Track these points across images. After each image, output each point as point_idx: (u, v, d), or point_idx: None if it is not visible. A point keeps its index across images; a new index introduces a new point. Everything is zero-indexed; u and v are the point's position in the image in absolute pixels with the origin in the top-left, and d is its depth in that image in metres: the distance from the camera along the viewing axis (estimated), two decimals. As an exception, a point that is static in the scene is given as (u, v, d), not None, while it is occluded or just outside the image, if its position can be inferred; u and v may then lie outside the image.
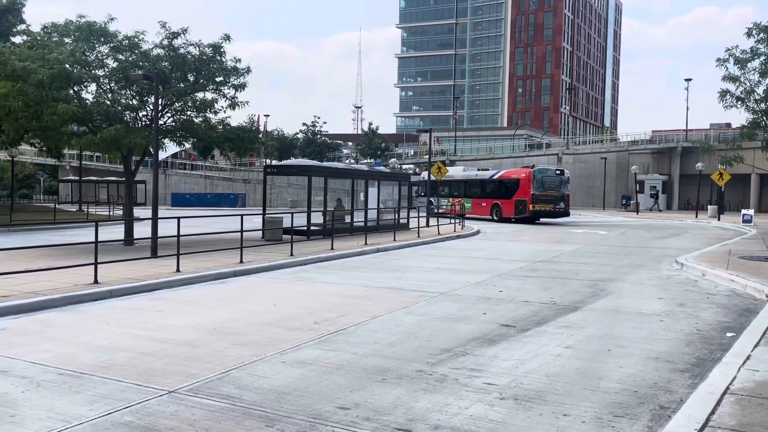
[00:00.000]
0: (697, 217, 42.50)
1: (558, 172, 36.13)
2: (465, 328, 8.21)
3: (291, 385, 5.79)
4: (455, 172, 41.11)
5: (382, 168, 37.51)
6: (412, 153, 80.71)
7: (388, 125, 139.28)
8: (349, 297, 10.54)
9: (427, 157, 38.74)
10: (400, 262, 15.77)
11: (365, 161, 75.23)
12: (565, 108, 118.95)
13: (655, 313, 9.40)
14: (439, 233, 23.99)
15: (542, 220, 35.19)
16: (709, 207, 44.36)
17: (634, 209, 50.79)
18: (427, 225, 27.49)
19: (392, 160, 61.96)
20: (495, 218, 35.36)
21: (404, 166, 70.18)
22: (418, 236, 22.55)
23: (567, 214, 35.41)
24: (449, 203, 37.67)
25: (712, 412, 4.93)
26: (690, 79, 60.55)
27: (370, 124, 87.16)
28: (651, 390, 5.76)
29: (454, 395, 5.53)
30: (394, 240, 20.71)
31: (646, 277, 13.57)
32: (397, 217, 25.04)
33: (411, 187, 37.06)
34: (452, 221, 27.83)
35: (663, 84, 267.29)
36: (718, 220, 38.33)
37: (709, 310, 9.77)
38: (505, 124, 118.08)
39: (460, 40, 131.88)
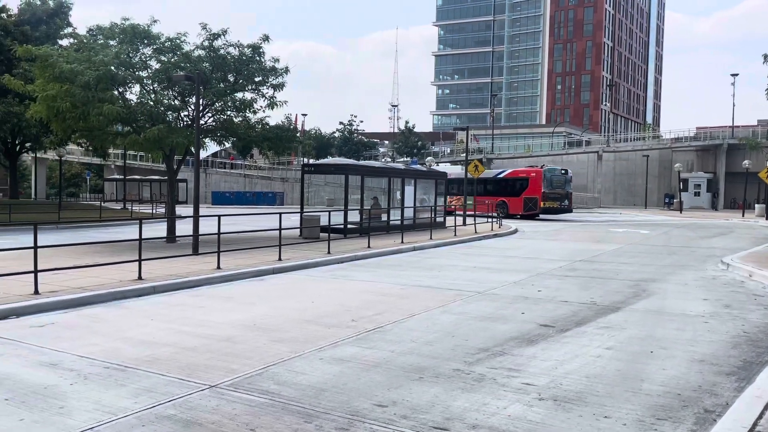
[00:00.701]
0: (743, 216, 41.23)
1: (563, 171, 38.48)
2: (503, 328, 8.15)
3: (329, 381, 5.85)
4: (452, 170, 42.47)
5: (418, 166, 37.51)
6: (448, 151, 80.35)
7: (424, 123, 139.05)
8: (385, 295, 10.57)
9: (464, 155, 38.54)
10: (436, 261, 15.73)
11: (401, 160, 75.22)
12: (605, 105, 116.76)
13: (700, 315, 9.16)
14: (476, 232, 23.84)
15: (543, 216, 36.89)
16: (756, 206, 42.99)
17: (677, 208, 49.55)
18: (464, 224, 27.35)
19: (428, 158, 61.77)
20: (499, 214, 35.57)
21: (441, 165, 69.97)
22: (455, 235, 22.45)
23: (570, 211, 38.25)
24: (447, 202, 38.55)
25: (760, 416, 4.79)
26: (737, 74, 58.81)
27: (407, 122, 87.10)
28: (695, 393, 5.62)
29: (491, 395, 5.50)
30: (431, 238, 20.68)
31: (691, 277, 13.23)
32: (433, 215, 24.97)
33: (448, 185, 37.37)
34: (489, 220, 27.61)
35: (708, 79, 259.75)
36: (766, 219, 37.09)
37: (756, 311, 9.48)
38: (544, 122, 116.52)
39: (498, 37, 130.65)
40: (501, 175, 39.08)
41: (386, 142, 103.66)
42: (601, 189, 60.95)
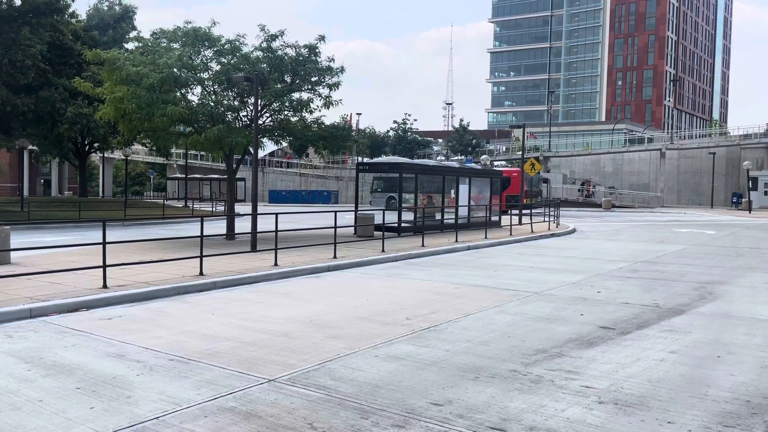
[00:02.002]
0: (819, 216, 39.05)
1: (539, 172, 43.97)
2: (561, 329, 8.00)
3: (384, 378, 5.88)
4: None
5: (473, 165, 37.41)
6: (504, 149, 79.29)
7: (479, 121, 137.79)
8: (440, 294, 10.54)
9: (520, 153, 38.07)
10: (491, 260, 15.57)
11: (456, 158, 74.76)
12: (669, 100, 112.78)
13: (771, 320, 8.74)
14: (532, 231, 23.47)
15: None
16: (833, 206, 40.61)
17: (745, 208, 47.39)
18: (520, 223, 26.97)
19: (483, 156, 61.24)
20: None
21: (496, 163, 69.16)
22: (511, 234, 22.16)
23: (541, 206, 41.90)
24: (422, 198, 41.78)
25: (838, 429, 4.54)
26: (812, 67, 55.63)
27: (461, 120, 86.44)
28: (765, 400, 5.37)
29: (549, 397, 5.41)
30: (486, 238, 20.47)
31: (760, 280, 12.63)
32: (488, 214, 24.73)
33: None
34: (545, 219, 27.12)
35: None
36: None
37: (834, 317, 8.96)
38: (603, 119, 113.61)
39: (556, 33, 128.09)
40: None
41: (440, 140, 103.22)
42: (664, 188, 58.92)
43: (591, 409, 5.13)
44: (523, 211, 37.94)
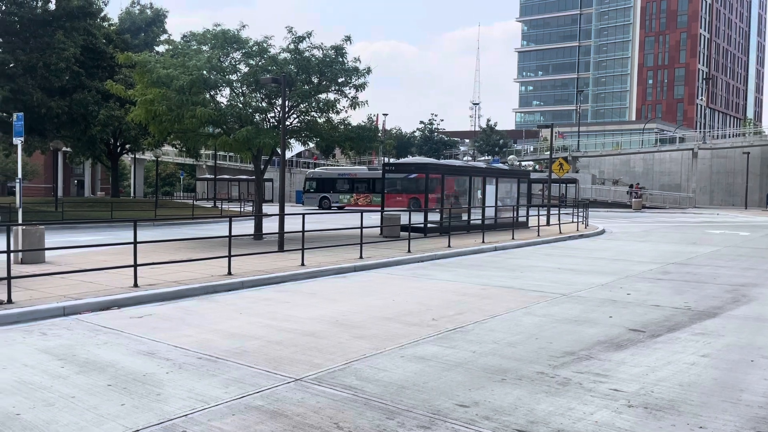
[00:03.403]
0: None
1: None
2: (589, 331, 7.90)
3: (410, 379, 5.88)
4: (329, 171, 49.25)
5: (500, 165, 37.13)
6: (531, 149, 78.65)
7: (506, 121, 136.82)
8: (466, 295, 10.49)
9: (548, 153, 37.67)
10: (518, 261, 15.44)
11: (482, 158, 74.37)
12: (701, 99, 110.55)
13: (808, 324, 8.51)
14: (560, 232, 23.22)
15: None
16: None
17: (781, 208, 46.19)
18: (548, 224, 26.70)
19: (511, 156, 60.82)
20: (413, 209, 41.85)
21: (523, 163, 68.59)
22: (538, 235, 21.96)
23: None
24: (351, 198, 44.67)
25: None
26: None
27: (488, 120, 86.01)
28: (803, 407, 5.23)
29: (577, 400, 5.35)
30: (513, 238, 20.32)
31: (797, 283, 12.30)
32: (515, 215, 24.54)
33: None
34: (574, 220, 26.81)
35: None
36: None
37: None
38: (634, 118, 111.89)
39: (585, 31, 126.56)
40: (413, 175, 44.41)
41: (467, 140, 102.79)
42: (696, 188, 57.77)
43: (620, 412, 5.06)
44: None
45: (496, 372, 6.12)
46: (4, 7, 28.65)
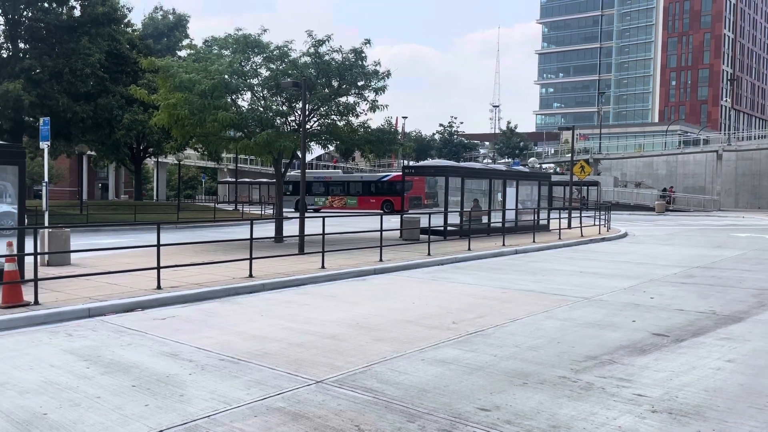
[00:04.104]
0: None
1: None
2: (612, 336, 7.81)
3: (431, 382, 5.87)
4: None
5: (520, 167, 36.95)
6: (552, 152, 78.08)
7: (526, 124, 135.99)
8: (486, 298, 10.45)
9: (569, 155, 37.41)
10: (539, 265, 15.34)
11: (503, 161, 74.02)
12: (726, 101, 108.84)
13: (838, 329, 8.32)
14: (582, 235, 23.02)
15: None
16: None
17: (809, 211, 45.26)
18: (569, 227, 26.46)
19: (531, 159, 60.42)
20: (386, 211, 42.99)
21: (544, 166, 68.12)
22: (559, 238, 21.79)
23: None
24: (327, 201, 46.85)
25: None
26: None
27: (508, 122, 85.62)
28: (833, 414, 5.12)
29: (600, 404, 5.29)
30: (534, 241, 20.19)
31: (826, 287, 12.04)
32: (536, 217, 24.37)
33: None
34: (596, 223, 26.54)
35: None
36: None
37: None
38: (656, 120, 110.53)
39: (606, 33, 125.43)
40: (386, 178, 46.33)
41: (487, 143, 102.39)
42: (721, 191, 56.86)
43: (644, 417, 5.00)
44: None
45: (517, 376, 6.09)
46: (30, 14, 29.24)
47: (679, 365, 6.50)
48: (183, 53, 41.37)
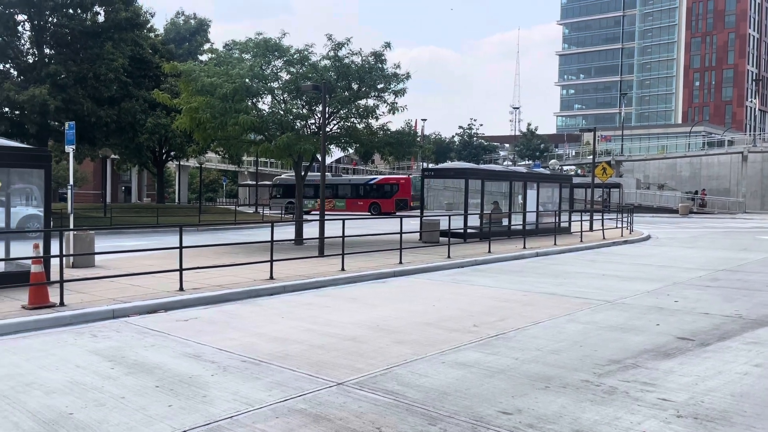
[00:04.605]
0: None
1: (420, 178, 55.47)
2: (635, 339, 7.72)
3: (452, 385, 5.84)
4: (294, 177, 53.33)
5: (541, 170, 36.73)
6: (573, 154, 77.43)
7: (547, 125, 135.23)
8: (507, 301, 10.39)
9: (590, 157, 37.07)
10: (561, 268, 15.21)
11: (523, 163, 73.58)
12: (751, 101, 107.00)
13: None
14: (604, 238, 22.78)
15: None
16: None
17: (838, 213, 44.28)
18: (591, 229, 26.20)
19: (552, 161, 59.95)
20: (373, 213, 45.03)
21: (565, 168, 67.58)
22: (581, 241, 21.58)
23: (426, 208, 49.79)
24: (316, 203, 47.84)
25: None
26: None
27: (529, 124, 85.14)
28: None
29: (624, 409, 5.23)
30: (555, 244, 20.03)
31: None
32: (557, 220, 24.17)
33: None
34: (618, 226, 26.25)
35: None
36: None
37: None
38: (680, 121, 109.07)
39: (628, 33, 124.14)
40: (373, 182, 47.76)
41: (507, 145, 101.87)
42: (746, 193, 55.89)
43: (669, 422, 4.92)
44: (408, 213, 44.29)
45: (539, 379, 6.04)
46: (56, 20, 29.76)
47: (705, 370, 6.40)
48: (204, 57, 41.73)
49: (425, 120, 71.64)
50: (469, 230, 21.05)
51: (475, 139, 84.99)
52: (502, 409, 5.22)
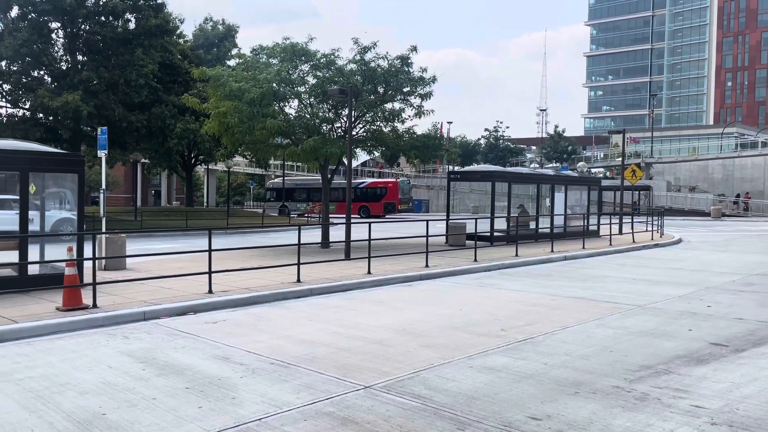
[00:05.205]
0: None
1: (408, 181, 53.67)
2: (667, 345, 7.58)
3: (480, 390, 5.81)
4: (287, 181, 53.19)
5: (569, 172, 36.34)
6: (601, 156, 76.37)
7: (575, 127, 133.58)
8: (535, 305, 10.29)
9: (619, 159, 36.55)
10: (590, 271, 15.01)
11: (550, 165, 72.85)
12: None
13: None
14: (634, 241, 22.43)
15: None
16: None
17: None
18: (620, 232, 25.84)
19: (580, 163, 59.29)
20: (362, 216, 45.36)
21: (593, 170, 66.74)
22: (610, 244, 21.29)
23: (413, 210, 52.09)
24: (308, 206, 48.73)
25: None
26: None
27: (556, 126, 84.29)
28: None
29: (656, 416, 5.14)
30: (583, 248, 19.78)
31: None
32: (586, 223, 23.87)
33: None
34: (648, 229, 25.82)
35: None
36: None
37: None
38: (711, 122, 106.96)
39: (658, 33, 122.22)
40: (363, 185, 48.83)
41: (533, 147, 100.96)
42: (781, 195, 54.51)
43: (703, 430, 4.82)
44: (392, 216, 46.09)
45: (569, 385, 5.97)
46: (88, 27, 30.43)
47: (740, 376, 6.26)
48: (232, 63, 42.27)
49: (451, 123, 71.55)
50: (495, 233, 20.90)
51: (501, 141, 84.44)
52: (532, 414, 5.17)
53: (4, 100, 30.71)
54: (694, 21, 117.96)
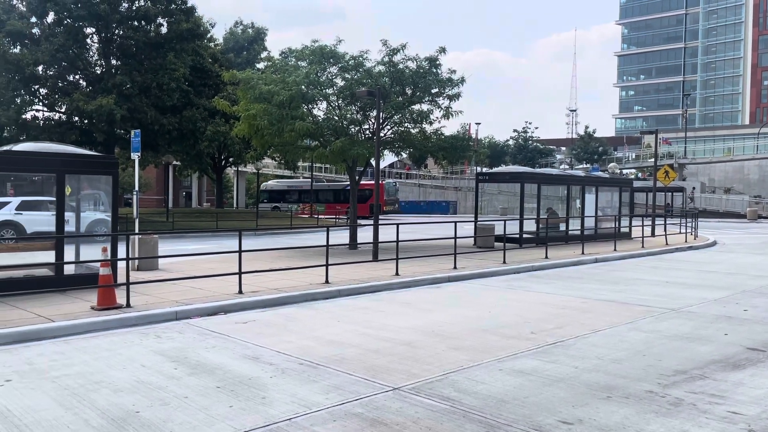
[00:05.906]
0: None
1: (393, 183, 53.88)
2: (702, 349, 7.42)
3: (509, 393, 5.76)
4: (280, 183, 55.49)
5: (599, 173, 35.81)
6: (633, 157, 75.12)
7: (605, 128, 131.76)
8: (566, 308, 10.16)
9: (651, 160, 35.93)
10: (621, 274, 14.78)
11: (580, 166, 71.93)
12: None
13: None
14: (666, 243, 22.02)
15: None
16: None
17: None
18: (653, 235, 25.39)
19: (611, 164, 58.38)
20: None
21: (625, 171, 65.73)
22: (642, 246, 20.93)
23: (400, 212, 51.99)
24: (299, 207, 49.62)
25: None
26: None
27: (586, 127, 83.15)
28: None
29: (691, 421, 5.03)
30: (615, 250, 19.49)
31: None
32: (617, 225, 23.51)
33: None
34: (681, 231, 25.31)
35: None
36: None
37: None
38: (747, 122, 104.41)
39: (691, 32, 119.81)
40: (348, 187, 49.57)
41: (563, 148, 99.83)
42: (821, 196, 52.94)
43: (740, 438, 4.71)
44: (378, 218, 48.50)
45: (600, 389, 5.88)
46: (122, 32, 31.06)
47: (779, 383, 6.09)
48: (261, 65, 42.71)
49: (479, 124, 71.14)
50: (524, 235, 20.70)
51: (530, 142, 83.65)
52: (563, 418, 5.11)
53: (41, 104, 31.48)
54: (728, 19, 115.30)
